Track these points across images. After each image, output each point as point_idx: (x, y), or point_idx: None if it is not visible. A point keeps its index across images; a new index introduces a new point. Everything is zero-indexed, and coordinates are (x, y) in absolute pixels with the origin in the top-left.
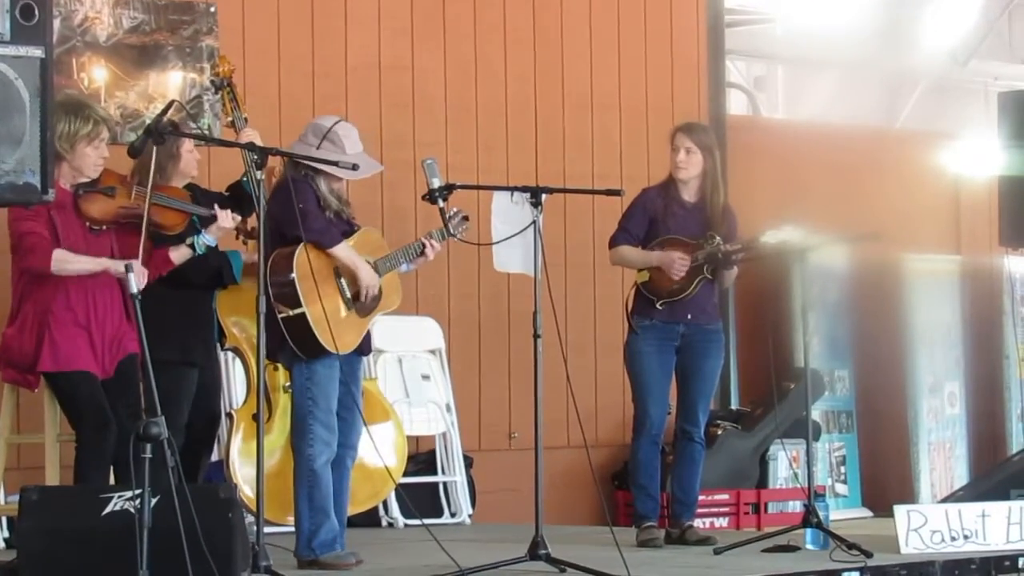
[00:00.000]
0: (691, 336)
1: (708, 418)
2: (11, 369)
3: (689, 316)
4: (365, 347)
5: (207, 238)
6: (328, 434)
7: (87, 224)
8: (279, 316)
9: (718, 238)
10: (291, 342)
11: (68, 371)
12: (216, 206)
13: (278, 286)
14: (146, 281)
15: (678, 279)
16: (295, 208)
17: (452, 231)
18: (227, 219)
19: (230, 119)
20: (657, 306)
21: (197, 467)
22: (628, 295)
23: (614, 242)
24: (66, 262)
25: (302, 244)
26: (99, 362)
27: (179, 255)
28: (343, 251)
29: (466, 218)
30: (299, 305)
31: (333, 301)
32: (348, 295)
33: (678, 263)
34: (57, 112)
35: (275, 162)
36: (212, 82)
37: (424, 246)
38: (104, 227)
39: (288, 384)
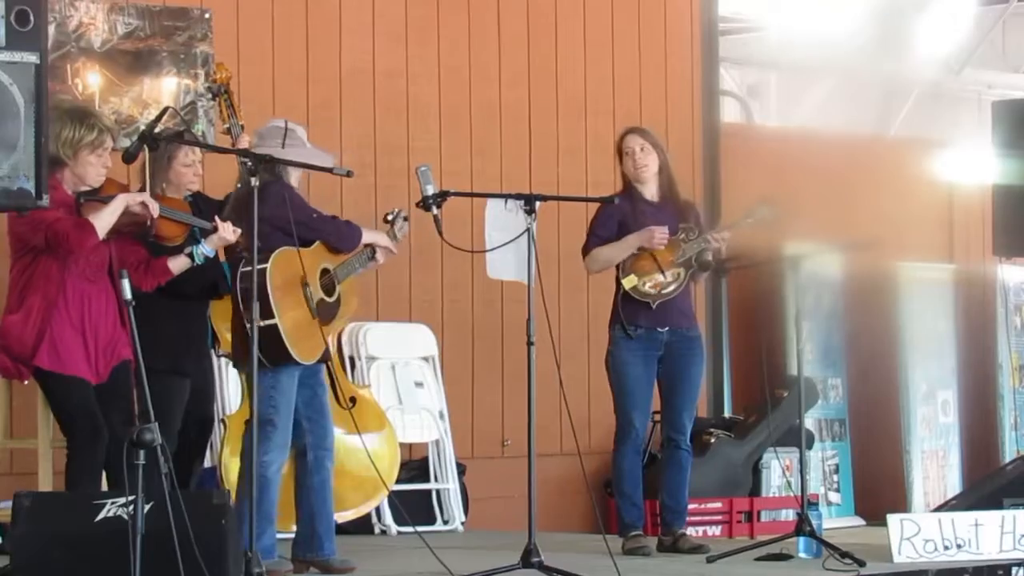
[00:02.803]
0: (674, 344)
1: (695, 425)
2: (5, 355)
3: (672, 322)
4: (326, 353)
5: (206, 248)
6: (284, 442)
7: None
8: (248, 326)
9: (699, 230)
10: (259, 352)
11: (62, 374)
12: (216, 218)
13: (247, 296)
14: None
15: (663, 248)
16: (306, 213)
17: (397, 235)
18: (227, 231)
19: (226, 126)
20: (652, 306)
21: (189, 473)
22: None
23: (587, 249)
24: (101, 220)
25: (275, 254)
26: (93, 367)
27: (177, 265)
28: (366, 235)
29: (406, 218)
30: (271, 316)
31: (301, 310)
32: (313, 304)
33: (657, 234)
34: (63, 118)
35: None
36: (208, 88)
37: (375, 251)
38: (104, 236)
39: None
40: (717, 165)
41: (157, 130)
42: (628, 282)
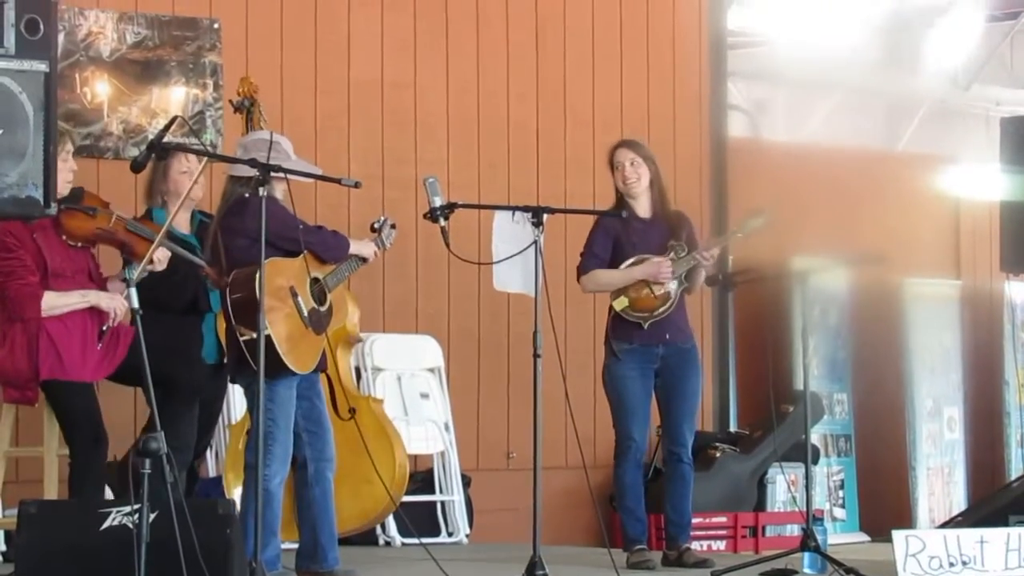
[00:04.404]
0: (670, 357)
1: (700, 440)
2: (11, 388)
3: (668, 336)
4: (322, 363)
5: (135, 272)
6: (285, 454)
7: (64, 239)
8: (241, 338)
9: (687, 247)
10: (253, 363)
11: (63, 380)
12: (153, 246)
13: (239, 307)
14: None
15: (666, 282)
16: (293, 225)
17: (385, 242)
18: (158, 262)
19: None
20: (644, 327)
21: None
22: (607, 323)
23: (585, 268)
24: (54, 308)
25: (263, 264)
26: (101, 363)
27: (116, 287)
28: (352, 246)
29: (393, 226)
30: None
31: (293, 320)
32: (305, 313)
33: (664, 269)
34: None
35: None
36: (231, 102)
37: (365, 260)
38: (80, 244)
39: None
40: (724, 179)
41: (165, 140)
42: (619, 304)
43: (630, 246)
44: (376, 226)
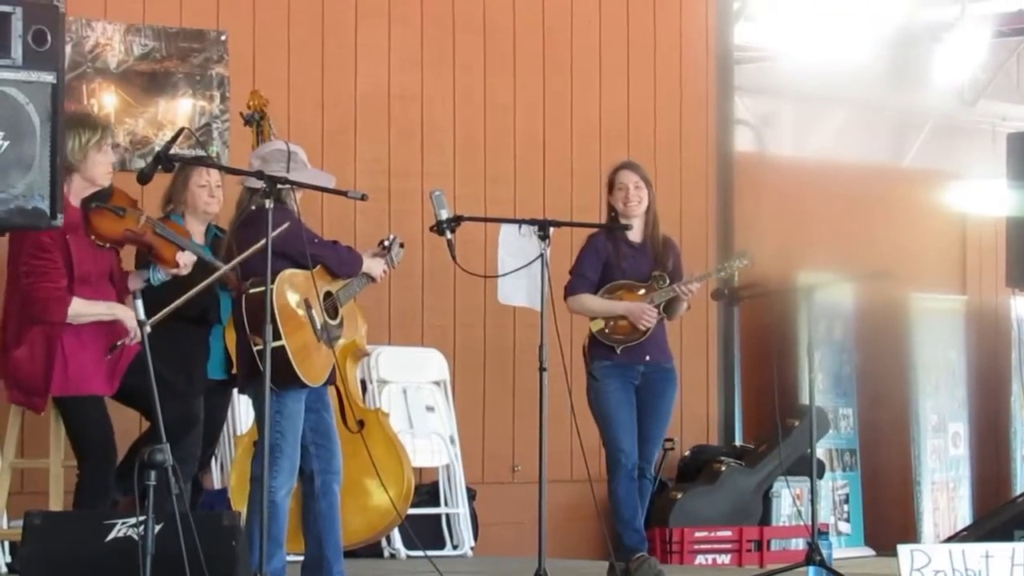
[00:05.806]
0: (650, 375)
1: (706, 454)
2: (18, 391)
3: (648, 357)
4: (331, 376)
5: (159, 274)
6: (292, 467)
7: (92, 239)
8: (255, 348)
9: (669, 280)
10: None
11: (78, 395)
12: (178, 255)
13: (255, 316)
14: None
15: (645, 329)
16: (307, 239)
17: (394, 260)
18: (185, 266)
19: None
20: (617, 351)
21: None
22: (584, 342)
23: (573, 290)
24: (80, 316)
25: (281, 274)
26: (109, 375)
27: (135, 284)
28: (366, 263)
29: (402, 245)
30: (278, 337)
31: (307, 333)
32: (318, 326)
33: (647, 315)
34: (66, 131)
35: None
36: (241, 115)
37: (374, 279)
38: (108, 245)
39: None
40: (731, 193)
41: (172, 151)
42: (595, 326)
43: (619, 271)
44: (385, 244)
